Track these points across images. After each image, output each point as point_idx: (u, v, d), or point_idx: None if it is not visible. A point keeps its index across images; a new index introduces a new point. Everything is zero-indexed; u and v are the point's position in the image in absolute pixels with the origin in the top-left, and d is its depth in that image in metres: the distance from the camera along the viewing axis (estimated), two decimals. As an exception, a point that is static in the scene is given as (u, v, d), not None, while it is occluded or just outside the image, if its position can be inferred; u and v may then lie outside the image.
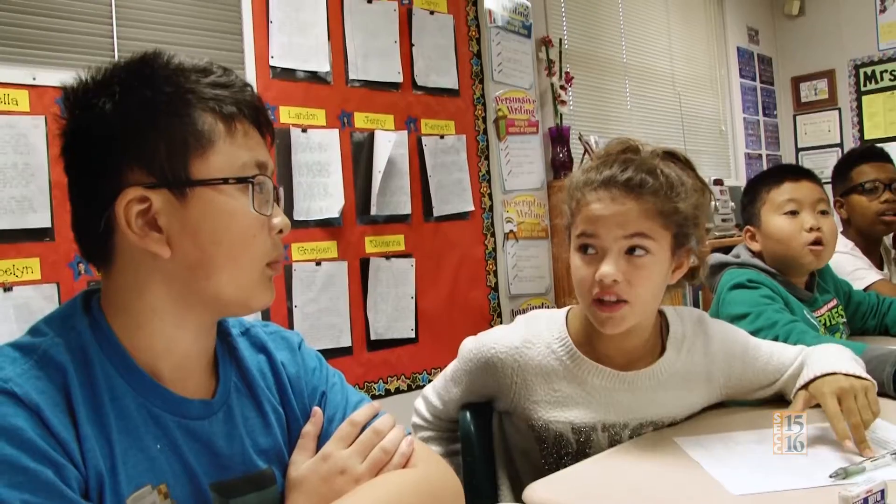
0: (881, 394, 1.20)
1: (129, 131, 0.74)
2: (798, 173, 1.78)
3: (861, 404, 1.10)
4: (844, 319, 1.84)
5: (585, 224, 1.15)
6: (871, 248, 2.37)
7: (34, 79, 1.89)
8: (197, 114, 0.76)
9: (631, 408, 1.20)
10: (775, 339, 1.46)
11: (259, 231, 0.80)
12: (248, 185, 0.78)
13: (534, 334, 1.23)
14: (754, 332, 1.40)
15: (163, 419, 0.76)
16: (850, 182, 2.36)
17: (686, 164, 1.20)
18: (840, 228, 2.34)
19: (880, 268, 2.33)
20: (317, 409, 0.90)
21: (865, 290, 2.03)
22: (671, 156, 1.19)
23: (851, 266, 2.16)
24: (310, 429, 0.89)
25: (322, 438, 0.89)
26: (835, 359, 1.22)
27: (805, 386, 1.22)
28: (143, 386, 0.76)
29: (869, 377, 1.18)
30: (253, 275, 0.80)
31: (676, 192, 1.13)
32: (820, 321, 1.73)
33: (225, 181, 0.77)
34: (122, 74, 0.77)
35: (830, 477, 0.94)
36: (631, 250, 1.12)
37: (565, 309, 1.29)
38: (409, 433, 0.93)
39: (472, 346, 1.27)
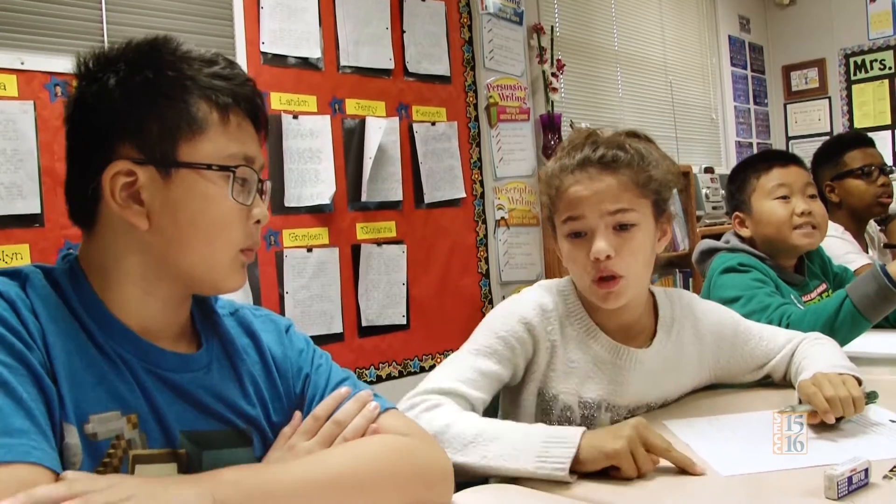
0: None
1: (127, 108, 0.78)
2: (786, 159, 1.81)
3: (835, 383, 1.11)
4: None
5: (569, 208, 1.17)
6: (860, 231, 2.40)
7: (22, 63, 1.88)
8: (193, 100, 0.80)
9: (634, 390, 1.22)
10: (769, 322, 1.48)
11: (235, 218, 0.83)
12: (229, 174, 0.81)
13: (551, 303, 1.23)
14: (746, 316, 1.42)
15: (132, 363, 0.79)
16: (843, 167, 2.38)
17: (647, 140, 1.23)
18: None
19: (865, 252, 2.36)
20: (297, 413, 0.91)
21: (854, 273, 2.05)
22: (633, 135, 1.22)
23: (842, 250, 2.18)
24: (287, 431, 0.89)
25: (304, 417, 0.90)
26: (829, 357, 1.24)
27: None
28: (116, 332, 0.79)
29: (852, 372, 1.18)
30: (225, 258, 0.83)
31: (647, 160, 1.17)
32: (809, 305, 1.75)
33: (208, 167, 0.80)
34: (131, 54, 0.81)
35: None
36: (618, 226, 1.14)
37: (566, 280, 1.27)
38: (392, 408, 0.92)
39: (506, 313, 1.21)
